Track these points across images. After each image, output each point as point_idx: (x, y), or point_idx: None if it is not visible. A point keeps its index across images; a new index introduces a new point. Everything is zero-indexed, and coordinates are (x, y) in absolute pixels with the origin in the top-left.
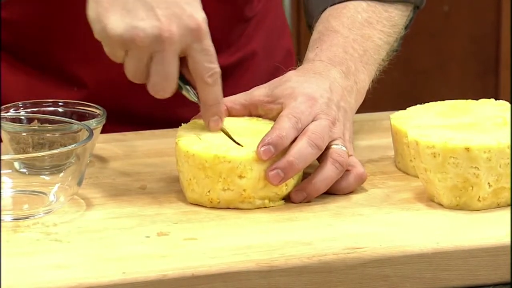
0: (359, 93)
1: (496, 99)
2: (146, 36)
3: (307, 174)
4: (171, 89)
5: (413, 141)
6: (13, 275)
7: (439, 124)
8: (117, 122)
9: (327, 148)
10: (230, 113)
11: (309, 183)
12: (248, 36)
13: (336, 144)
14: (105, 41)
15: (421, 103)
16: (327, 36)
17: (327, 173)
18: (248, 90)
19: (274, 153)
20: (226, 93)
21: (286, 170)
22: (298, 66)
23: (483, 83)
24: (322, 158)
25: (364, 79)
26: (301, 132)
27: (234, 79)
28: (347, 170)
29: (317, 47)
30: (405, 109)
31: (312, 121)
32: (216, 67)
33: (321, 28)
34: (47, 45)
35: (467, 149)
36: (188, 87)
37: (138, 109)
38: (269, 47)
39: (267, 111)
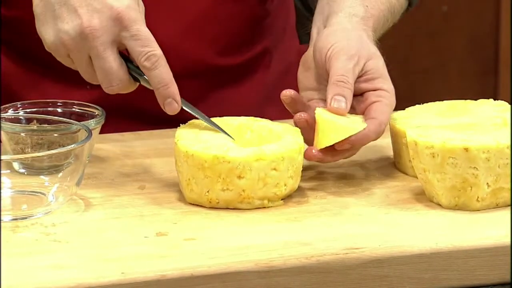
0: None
1: (495, 99)
2: (71, 37)
3: (306, 171)
4: (120, 83)
5: (412, 142)
6: (12, 275)
7: (438, 125)
8: (127, 120)
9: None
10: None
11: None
12: (261, 34)
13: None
14: (51, 51)
15: (420, 103)
16: None
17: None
18: (261, 88)
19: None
20: (243, 92)
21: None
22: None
23: (482, 83)
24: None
25: (373, 35)
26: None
27: (248, 77)
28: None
29: (341, 7)
30: (404, 109)
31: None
32: (152, 50)
33: None
34: None
35: (466, 149)
36: (144, 77)
37: (149, 108)
38: (282, 45)
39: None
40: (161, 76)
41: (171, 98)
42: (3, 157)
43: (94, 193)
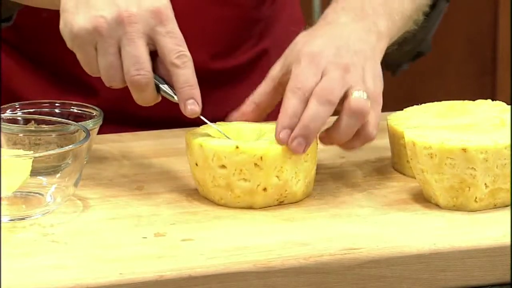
0: (381, 35)
1: (493, 100)
2: (107, 21)
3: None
4: (146, 74)
5: (410, 142)
6: (10, 275)
7: (436, 125)
8: (127, 126)
9: (346, 96)
10: (262, 108)
11: (332, 133)
12: (259, 36)
13: (357, 90)
14: (75, 44)
15: (418, 104)
16: None
17: (347, 125)
18: None
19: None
20: (240, 94)
21: (305, 135)
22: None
23: (480, 83)
24: (342, 107)
25: (386, 25)
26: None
27: (246, 78)
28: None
29: (334, 1)
30: (402, 109)
31: (322, 78)
32: (184, 50)
33: None
34: (59, 51)
35: (464, 149)
36: (166, 85)
37: (150, 113)
38: (282, 45)
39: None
40: (188, 76)
41: (194, 100)
42: (2, 157)
43: (92, 194)
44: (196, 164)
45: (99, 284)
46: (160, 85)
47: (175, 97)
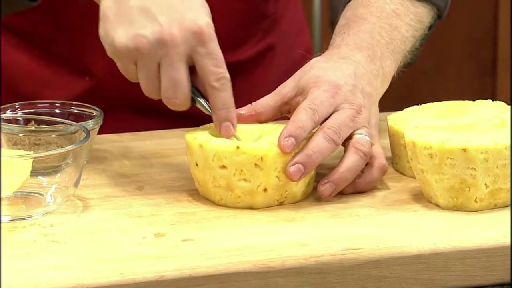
0: (385, 78)
1: (493, 100)
2: (149, 42)
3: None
4: (183, 97)
5: (410, 142)
6: (10, 276)
7: (436, 125)
8: (128, 112)
9: (350, 137)
10: (260, 118)
11: (335, 174)
12: (265, 31)
13: (360, 134)
14: (115, 56)
15: (418, 104)
16: (355, 23)
17: (352, 163)
18: (264, 85)
19: (296, 145)
20: (244, 88)
21: (306, 164)
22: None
23: (480, 83)
24: (346, 148)
25: (390, 65)
26: (320, 124)
27: (251, 74)
28: (368, 163)
29: (344, 32)
30: (402, 110)
31: (334, 111)
32: (223, 72)
33: (349, 15)
34: (63, 33)
35: (464, 150)
36: (202, 99)
37: (149, 100)
38: (286, 43)
39: (296, 105)
40: (226, 98)
41: (229, 122)
42: (3, 157)
43: (92, 194)
44: (196, 164)
45: (99, 284)
46: (197, 98)
47: (211, 111)
